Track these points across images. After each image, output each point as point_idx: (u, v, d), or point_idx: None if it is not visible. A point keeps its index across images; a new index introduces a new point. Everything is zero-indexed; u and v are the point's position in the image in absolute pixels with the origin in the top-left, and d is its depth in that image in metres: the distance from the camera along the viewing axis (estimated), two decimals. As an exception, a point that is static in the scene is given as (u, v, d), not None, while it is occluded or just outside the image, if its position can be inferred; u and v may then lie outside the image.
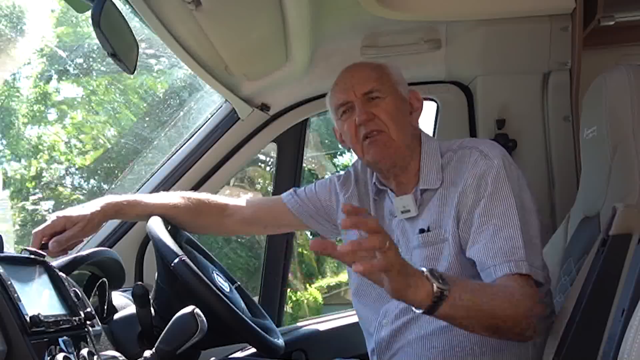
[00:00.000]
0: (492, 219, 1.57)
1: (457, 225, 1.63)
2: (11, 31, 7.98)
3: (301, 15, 1.88)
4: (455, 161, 1.70)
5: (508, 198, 1.58)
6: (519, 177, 1.66)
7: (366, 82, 1.71)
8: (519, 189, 1.63)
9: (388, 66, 1.79)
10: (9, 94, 8.58)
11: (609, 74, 1.67)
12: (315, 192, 1.98)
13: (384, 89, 1.71)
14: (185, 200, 1.99)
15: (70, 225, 1.78)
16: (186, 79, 4.29)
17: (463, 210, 1.62)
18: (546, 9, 2.12)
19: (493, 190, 1.60)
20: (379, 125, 1.69)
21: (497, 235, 1.55)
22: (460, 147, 1.72)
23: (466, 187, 1.63)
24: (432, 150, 1.74)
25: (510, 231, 1.55)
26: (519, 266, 1.51)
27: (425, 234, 1.68)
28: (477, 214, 1.60)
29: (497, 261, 1.53)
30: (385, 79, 1.74)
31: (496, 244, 1.54)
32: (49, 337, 1.20)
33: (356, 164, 1.94)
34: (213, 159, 2.40)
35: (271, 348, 1.80)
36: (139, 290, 1.64)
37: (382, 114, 1.69)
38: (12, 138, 8.63)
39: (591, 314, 1.42)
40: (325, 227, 2.00)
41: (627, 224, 1.46)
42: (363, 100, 1.70)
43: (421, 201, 1.72)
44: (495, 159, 1.63)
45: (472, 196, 1.62)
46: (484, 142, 1.73)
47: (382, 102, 1.70)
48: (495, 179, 1.60)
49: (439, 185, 1.69)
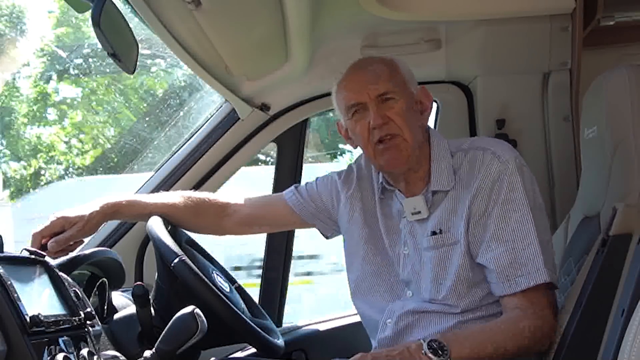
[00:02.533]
0: (508, 226, 1.58)
1: (468, 228, 1.62)
2: (11, 31, 7.98)
3: (301, 15, 1.87)
4: (467, 162, 1.68)
5: (523, 205, 1.59)
6: (531, 178, 1.66)
7: (379, 82, 1.68)
8: (532, 191, 1.64)
9: (398, 62, 1.76)
10: (9, 94, 8.58)
11: (609, 74, 1.67)
12: (317, 189, 1.97)
13: (398, 90, 1.69)
14: (184, 200, 1.98)
15: (68, 225, 1.78)
16: (186, 79, 4.29)
17: (476, 213, 1.62)
18: (546, 9, 2.12)
19: (507, 196, 1.60)
20: (393, 129, 1.67)
21: (514, 242, 1.56)
22: (471, 148, 1.71)
23: (479, 191, 1.62)
24: (442, 151, 1.73)
25: (526, 237, 1.57)
26: (537, 276, 1.53)
27: (437, 236, 1.67)
28: (491, 220, 1.60)
29: (515, 274, 1.55)
30: (397, 78, 1.71)
31: (512, 253, 1.56)
32: (49, 337, 1.20)
33: (360, 161, 1.92)
34: (213, 159, 2.40)
35: (271, 348, 1.80)
36: (139, 290, 1.64)
37: (397, 118, 1.67)
38: (12, 138, 8.62)
39: (591, 314, 1.42)
40: (327, 225, 1.98)
41: (627, 224, 1.46)
42: (377, 102, 1.68)
43: (432, 202, 1.70)
44: (510, 162, 1.63)
45: (485, 200, 1.61)
46: (496, 142, 1.72)
47: (396, 104, 1.68)
48: (510, 183, 1.60)
49: (450, 187, 1.68)
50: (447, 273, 1.64)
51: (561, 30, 2.14)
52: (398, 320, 1.70)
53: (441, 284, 1.64)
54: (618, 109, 1.62)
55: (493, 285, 1.60)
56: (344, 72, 1.80)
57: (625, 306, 1.23)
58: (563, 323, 1.51)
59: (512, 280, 1.55)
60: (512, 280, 1.55)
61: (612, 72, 1.66)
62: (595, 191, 1.72)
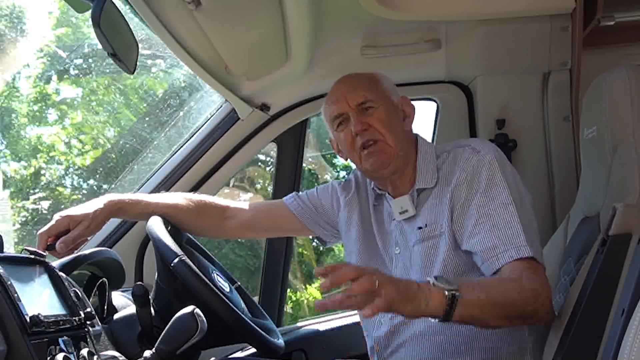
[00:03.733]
0: (489, 210, 1.61)
1: (452, 219, 1.66)
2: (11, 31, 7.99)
3: (301, 15, 1.87)
4: (450, 160, 1.74)
5: (504, 188, 1.62)
6: (512, 169, 1.70)
7: (358, 93, 1.75)
8: (513, 178, 1.67)
9: (378, 75, 1.83)
10: (9, 94, 8.58)
11: (609, 74, 1.67)
12: (317, 195, 2.00)
13: (376, 98, 1.75)
14: (186, 201, 1.99)
15: (74, 224, 1.79)
16: (186, 79, 4.29)
17: (457, 204, 1.66)
18: (546, 9, 2.12)
19: (488, 183, 1.63)
20: (375, 134, 1.73)
21: (497, 225, 1.58)
22: (455, 147, 1.76)
23: (459, 183, 1.67)
24: (427, 154, 1.78)
25: (508, 219, 1.58)
26: (521, 251, 1.54)
27: (423, 229, 1.71)
28: (473, 207, 1.63)
29: (499, 250, 1.56)
30: (376, 88, 1.77)
31: (495, 234, 1.58)
32: (49, 337, 1.20)
33: (356, 171, 1.97)
34: (213, 159, 2.40)
35: (271, 348, 1.80)
36: (139, 290, 1.64)
37: (377, 124, 1.73)
38: (12, 138, 8.63)
39: (591, 314, 1.42)
40: (326, 230, 2.02)
41: (627, 224, 1.46)
42: (357, 110, 1.74)
43: (418, 201, 1.75)
44: (487, 154, 1.67)
45: (465, 190, 1.65)
46: (476, 139, 1.79)
47: (376, 111, 1.74)
48: (489, 171, 1.65)
49: (434, 184, 1.73)
50: (435, 263, 1.67)
51: (561, 30, 2.14)
52: (393, 316, 1.72)
53: (429, 274, 1.64)
54: (618, 109, 1.62)
55: (482, 268, 1.61)
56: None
57: (625, 306, 1.23)
58: (563, 323, 1.51)
59: (496, 256, 1.56)
60: (496, 256, 1.56)
61: (612, 72, 1.66)
62: (595, 191, 1.73)
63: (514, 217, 1.58)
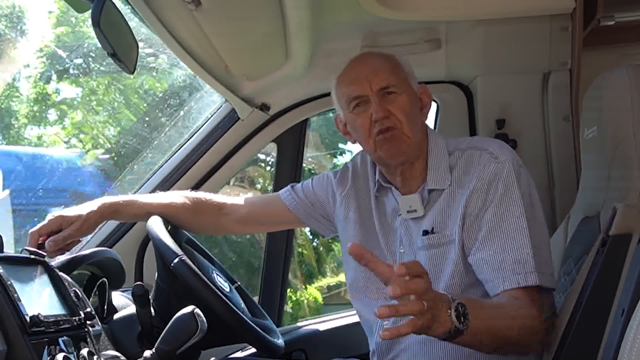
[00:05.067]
0: (501, 226, 1.57)
1: (463, 228, 1.61)
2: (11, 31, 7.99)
3: (301, 15, 1.87)
4: (464, 162, 1.68)
5: (518, 206, 1.57)
6: (528, 179, 1.65)
7: (381, 75, 1.68)
8: (529, 193, 1.62)
9: (400, 59, 1.76)
10: (9, 94, 8.57)
11: (609, 74, 1.67)
12: (312, 188, 1.97)
13: (399, 84, 1.69)
14: (182, 199, 1.98)
15: (66, 224, 1.78)
16: (186, 79, 4.29)
17: (471, 213, 1.61)
18: (546, 9, 2.12)
19: (502, 197, 1.59)
20: (394, 122, 1.66)
21: (507, 243, 1.55)
22: (469, 147, 1.70)
23: (475, 190, 1.61)
24: (439, 148, 1.73)
25: (519, 240, 1.54)
26: (527, 279, 1.51)
27: (430, 235, 1.66)
28: (485, 220, 1.58)
29: (506, 273, 1.53)
30: (399, 73, 1.71)
31: (503, 255, 1.54)
32: (49, 337, 1.20)
33: (356, 160, 1.92)
34: (213, 159, 2.40)
35: (271, 348, 1.80)
36: (139, 290, 1.64)
37: (398, 111, 1.66)
38: (12, 138, 8.62)
39: (591, 314, 1.42)
40: (322, 224, 1.98)
41: (627, 224, 1.46)
42: (379, 95, 1.67)
43: (427, 201, 1.70)
44: (506, 163, 1.62)
45: (481, 200, 1.60)
46: (493, 142, 1.71)
47: (398, 98, 1.68)
48: (506, 184, 1.60)
49: (446, 186, 1.68)
50: (442, 273, 1.63)
51: (561, 30, 2.14)
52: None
53: (436, 284, 1.62)
54: (618, 109, 1.62)
55: (487, 287, 1.58)
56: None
57: (625, 306, 1.23)
58: (563, 323, 1.51)
59: (502, 279, 1.53)
60: (502, 278, 1.53)
61: (612, 72, 1.66)
62: (595, 191, 1.72)
63: (525, 237, 1.54)
